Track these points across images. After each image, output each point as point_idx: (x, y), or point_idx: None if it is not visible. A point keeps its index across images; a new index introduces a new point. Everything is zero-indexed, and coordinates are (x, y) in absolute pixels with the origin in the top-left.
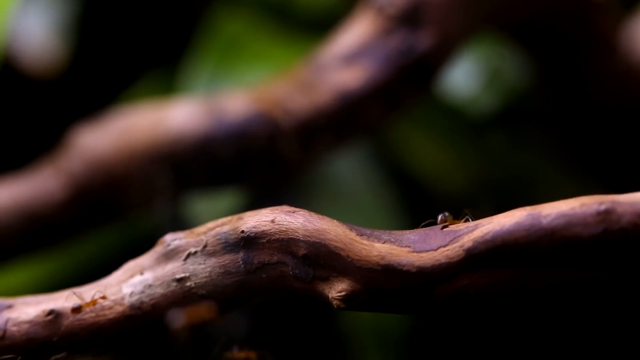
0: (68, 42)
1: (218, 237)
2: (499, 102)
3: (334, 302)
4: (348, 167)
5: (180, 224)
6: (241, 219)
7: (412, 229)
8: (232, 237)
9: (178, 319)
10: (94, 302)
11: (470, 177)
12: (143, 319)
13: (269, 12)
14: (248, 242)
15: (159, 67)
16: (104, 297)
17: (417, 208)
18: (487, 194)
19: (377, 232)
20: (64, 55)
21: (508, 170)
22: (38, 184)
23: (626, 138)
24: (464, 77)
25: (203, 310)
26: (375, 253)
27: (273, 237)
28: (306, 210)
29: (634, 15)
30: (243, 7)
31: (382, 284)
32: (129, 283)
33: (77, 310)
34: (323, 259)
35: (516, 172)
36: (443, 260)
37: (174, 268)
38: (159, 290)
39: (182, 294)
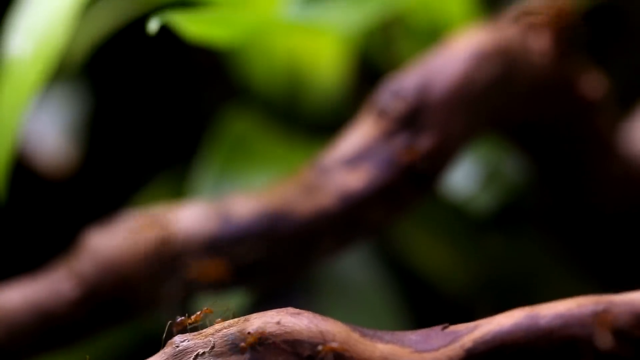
0: (79, 143)
1: (225, 338)
2: (498, 201)
3: None
4: (352, 265)
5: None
6: (248, 320)
7: (417, 328)
8: (239, 338)
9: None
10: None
11: (472, 276)
12: None
13: (275, 114)
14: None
15: (171, 168)
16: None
17: (421, 307)
18: (488, 293)
19: (379, 333)
20: (76, 156)
21: (508, 269)
22: (50, 284)
23: (624, 239)
24: (463, 177)
25: (211, 267)
26: (378, 354)
27: (279, 339)
28: (310, 312)
29: (632, 115)
30: (249, 109)
31: None
32: None
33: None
34: None
35: (516, 271)
36: None
37: None
38: None
39: None
